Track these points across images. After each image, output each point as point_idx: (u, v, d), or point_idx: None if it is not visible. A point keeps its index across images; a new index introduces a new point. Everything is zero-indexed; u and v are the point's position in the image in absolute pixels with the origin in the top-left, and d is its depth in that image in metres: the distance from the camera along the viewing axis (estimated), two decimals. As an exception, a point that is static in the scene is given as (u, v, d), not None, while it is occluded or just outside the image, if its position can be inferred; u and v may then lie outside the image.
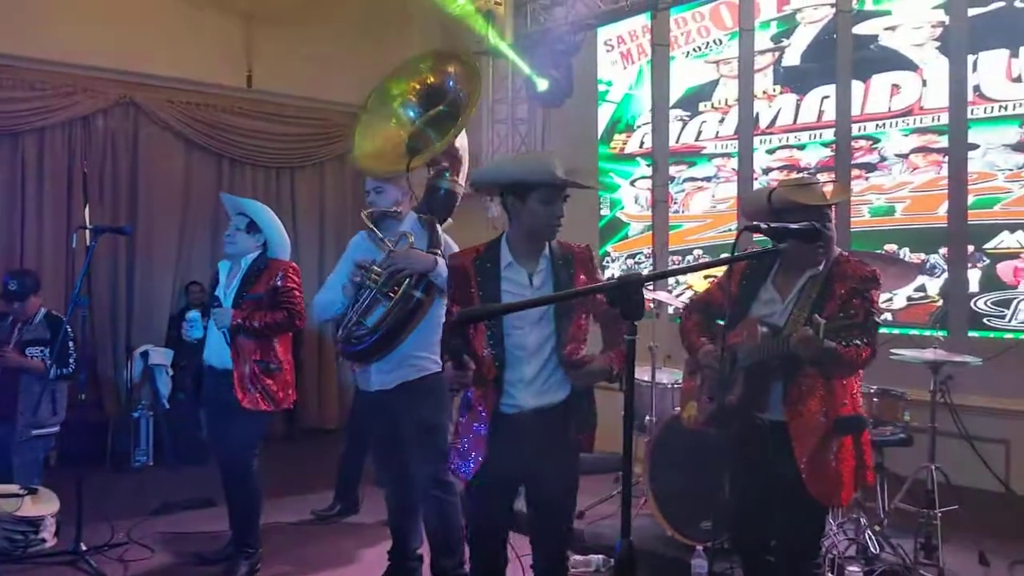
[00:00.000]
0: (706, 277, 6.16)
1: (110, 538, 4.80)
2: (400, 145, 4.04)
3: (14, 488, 4.82)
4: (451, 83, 4.04)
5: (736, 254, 2.54)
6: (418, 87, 4.11)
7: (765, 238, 2.60)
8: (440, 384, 3.83)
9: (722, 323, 3.16)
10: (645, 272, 5.88)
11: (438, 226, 3.94)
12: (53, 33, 6.67)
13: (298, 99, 8.13)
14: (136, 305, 7.45)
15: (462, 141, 4.11)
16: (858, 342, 2.76)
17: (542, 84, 6.76)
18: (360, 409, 5.23)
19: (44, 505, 4.84)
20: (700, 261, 6.29)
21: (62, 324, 5.22)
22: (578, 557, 4.52)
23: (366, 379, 3.97)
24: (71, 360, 5.26)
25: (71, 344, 5.24)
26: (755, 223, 2.66)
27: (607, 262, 6.95)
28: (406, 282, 3.74)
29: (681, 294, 6.28)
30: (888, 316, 5.38)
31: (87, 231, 4.96)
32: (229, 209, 4.59)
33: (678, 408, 4.49)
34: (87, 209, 5.30)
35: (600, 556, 4.50)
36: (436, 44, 8.04)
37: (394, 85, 4.17)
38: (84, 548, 4.56)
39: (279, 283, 4.36)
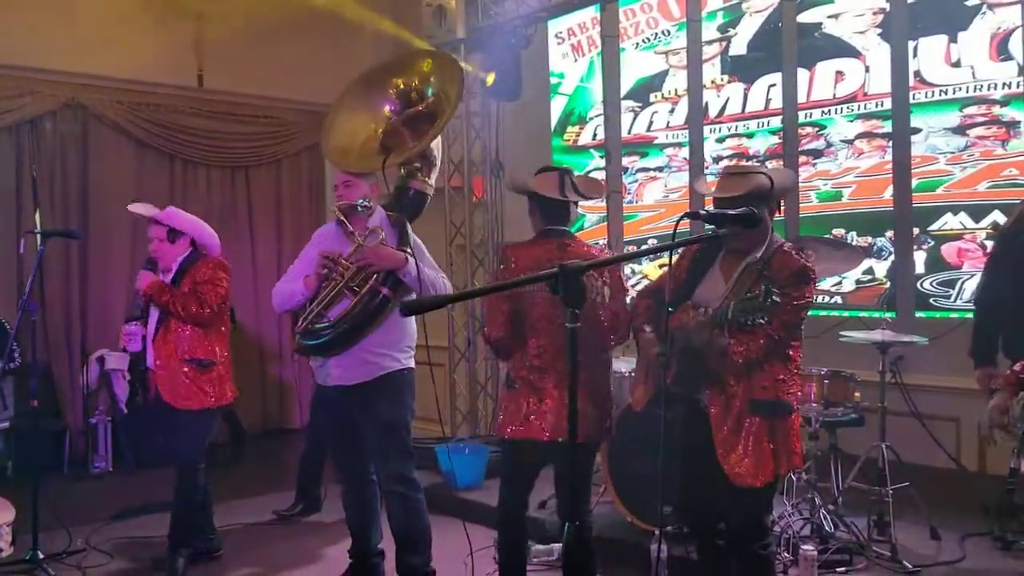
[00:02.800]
0: (661, 266, 6.24)
1: (68, 545, 4.76)
2: (373, 140, 3.99)
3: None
4: (433, 85, 3.98)
5: (676, 240, 2.58)
6: (401, 85, 4.04)
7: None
8: (401, 381, 3.91)
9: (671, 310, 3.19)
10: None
11: (408, 225, 3.92)
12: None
13: (251, 97, 8.06)
14: (91, 310, 7.34)
15: (436, 143, 4.09)
16: (761, 321, 2.82)
17: (490, 79, 6.78)
18: (318, 405, 5.22)
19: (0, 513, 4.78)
20: (644, 248, 6.35)
21: (3, 324, 5.26)
22: (540, 547, 4.55)
23: (324, 374, 3.95)
24: (16, 355, 5.23)
25: (14, 340, 5.19)
26: (695, 211, 2.73)
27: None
28: (374, 278, 3.73)
29: (637, 283, 6.33)
30: (838, 299, 5.48)
31: (36, 235, 4.91)
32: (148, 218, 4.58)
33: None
34: (38, 213, 5.23)
35: (552, 545, 4.55)
36: (388, 40, 8.04)
37: (377, 80, 4.11)
38: (41, 556, 4.51)
39: (199, 278, 4.41)
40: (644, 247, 6.41)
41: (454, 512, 5.09)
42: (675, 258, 3.26)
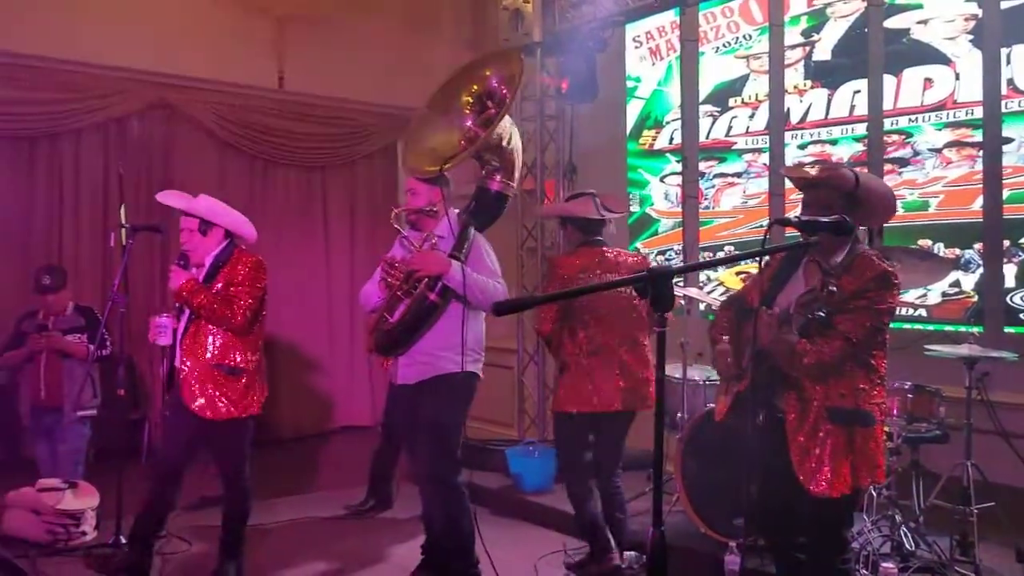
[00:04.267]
0: (738, 274, 6.16)
1: (148, 531, 4.88)
2: (455, 147, 4.04)
3: (56, 482, 4.92)
4: (496, 84, 4.05)
5: (766, 247, 2.55)
6: (471, 98, 4.11)
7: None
8: (456, 384, 3.91)
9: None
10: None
11: (471, 229, 3.95)
12: (89, 35, 6.77)
13: (329, 99, 8.19)
14: (170, 303, 7.53)
15: (516, 143, 4.09)
16: (821, 314, 2.78)
17: (563, 84, 6.77)
18: (391, 403, 5.30)
19: (84, 499, 4.94)
20: (731, 255, 6.27)
21: (93, 311, 5.44)
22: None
23: (395, 373, 4.07)
24: (108, 343, 5.38)
25: (104, 329, 5.34)
26: (786, 216, 2.69)
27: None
28: (423, 283, 3.81)
29: (712, 290, 6.26)
30: (923, 312, 5.33)
31: (123, 230, 5.05)
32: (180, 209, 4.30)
33: (710, 404, 4.51)
34: (123, 209, 5.39)
35: (632, 552, 4.50)
36: (467, 43, 8.11)
37: (450, 93, 4.16)
38: (124, 541, 4.62)
39: (235, 278, 4.10)
40: (721, 254, 6.33)
41: (522, 515, 5.10)
42: (761, 267, 3.32)
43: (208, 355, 4.07)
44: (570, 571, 4.47)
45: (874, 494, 4.26)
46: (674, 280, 3.28)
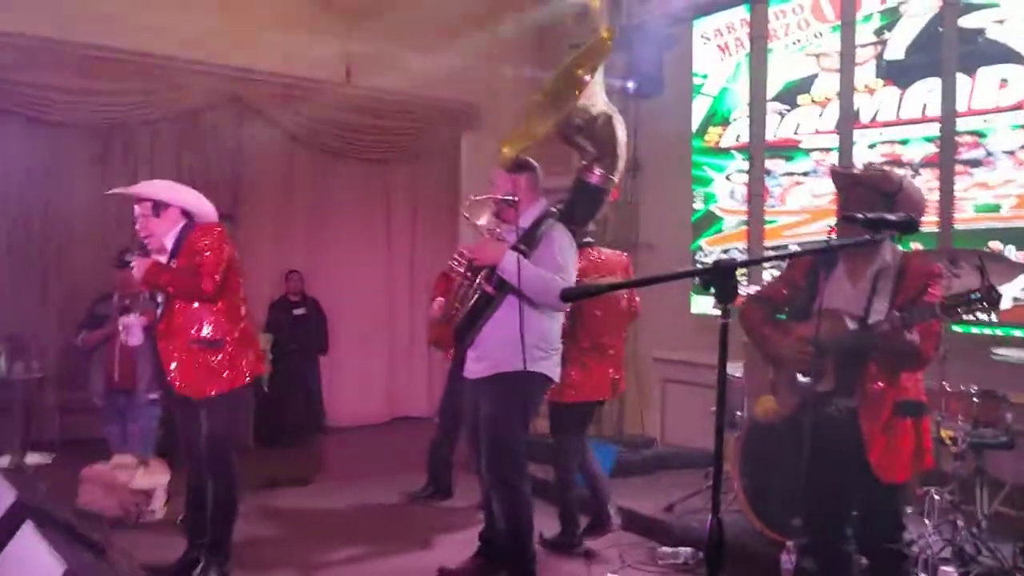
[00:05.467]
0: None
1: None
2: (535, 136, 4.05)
3: (129, 459, 5.11)
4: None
5: (833, 242, 2.56)
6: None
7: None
8: (516, 385, 3.80)
9: (783, 317, 3.29)
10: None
11: (548, 220, 3.89)
12: (163, 29, 6.94)
13: (395, 94, 8.28)
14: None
15: (619, 135, 4.05)
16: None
17: (630, 83, 6.76)
18: (448, 394, 5.37)
19: (156, 476, 5.11)
20: (801, 247, 6.15)
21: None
22: (666, 549, 4.54)
23: (466, 366, 4.07)
24: None
25: None
26: (853, 213, 2.68)
27: (700, 256, 6.92)
28: (482, 274, 3.81)
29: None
30: (993, 316, 5.21)
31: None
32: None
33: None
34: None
35: (689, 549, 4.51)
36: (533, 39, 8.14)
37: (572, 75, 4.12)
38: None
39: (195, 248, 3.90)
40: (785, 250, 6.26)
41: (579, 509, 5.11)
42: (787, 267, 3.39)
43: (183, 334, 3.92)
44: (544, 546, 4.56)
45: (936, 498, 4.19)
46: (739, 275, 3.31)
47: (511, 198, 3.87)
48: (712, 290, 2.03)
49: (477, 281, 3.84)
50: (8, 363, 6.21)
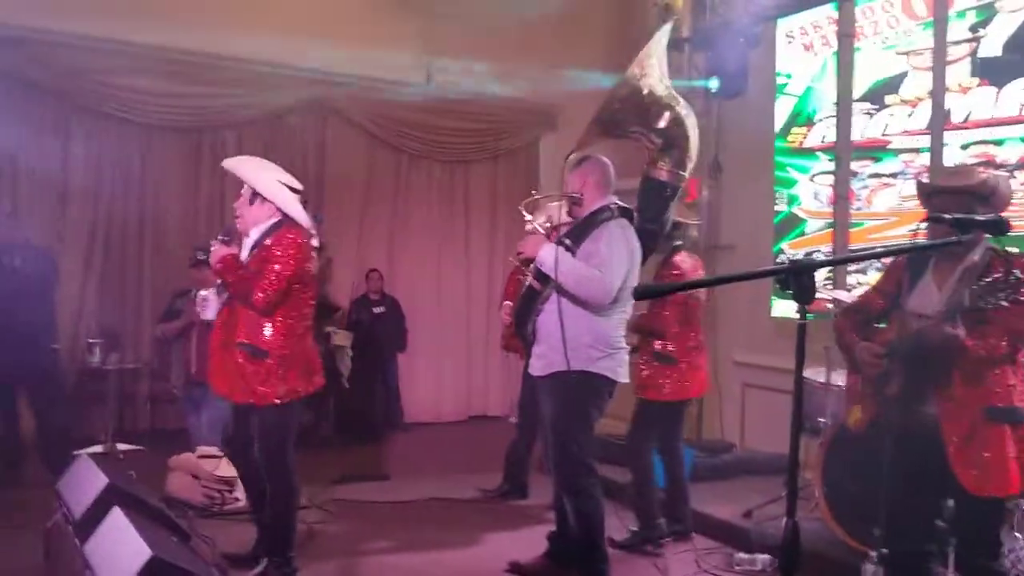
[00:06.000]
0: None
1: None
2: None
3: (214, 450, 5.26)
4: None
5: (918, 243, 2.49)
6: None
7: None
8: (570, 384, 3.75)
9: (882, 326, 3.23)
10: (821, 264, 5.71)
11: (604, 215, 3.83)
12: (248, 33, 7.11)
13: (475, 95, 8.33)
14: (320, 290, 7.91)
15: (691, 133, 3.97)
16: (1004, 303, 2.72)
17: (713, 85, 6.66)
18: (525, 394, 5.38)
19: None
20: (884, 248, 5.94)
21: None
22: (743, 556, 4.47)
23: (530, 361, 4.07)
24: None
25: None
26: (940, 214, 2.61)
27: (782, 259, 6.78)
28: (532, 268, 3.82)
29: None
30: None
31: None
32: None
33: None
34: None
35: (766, 556, 4.43)
36: (615, 40, 8.10)
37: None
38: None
39: (270, 254, 3.75)
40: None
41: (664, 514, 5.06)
42: (881, 275, 3.37)
43: (236, 332, 3.83)
44: (618, 548, 4.52)
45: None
46: (819, 278, 3.24)
47: (576, 195, 3.89)
48: (789, 291, 2.00)
49: (530, 275, 3.88)
50: (103, 355, 6.48)
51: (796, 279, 1.99)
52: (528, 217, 4.09)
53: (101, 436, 6.33)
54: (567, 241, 3.77)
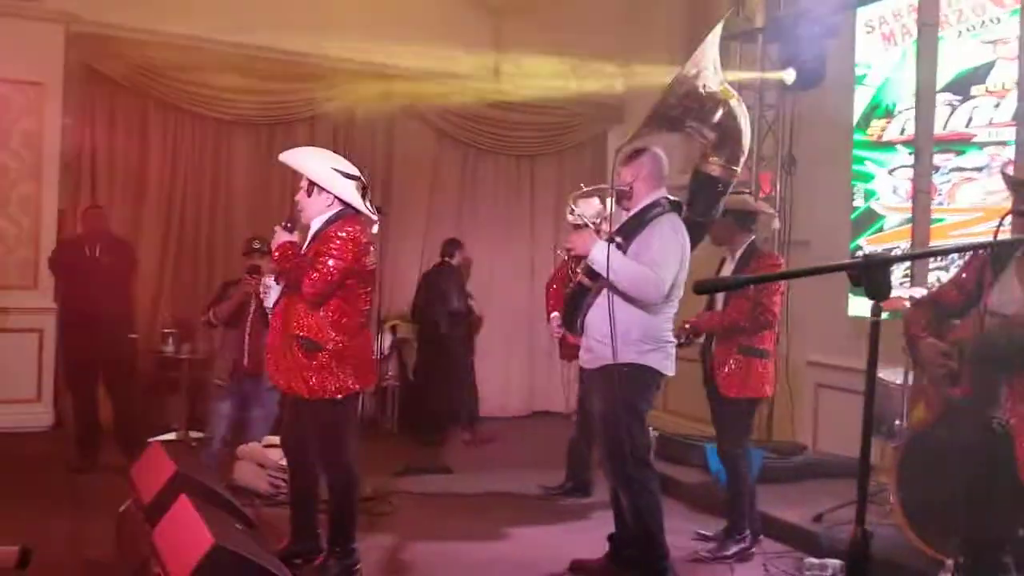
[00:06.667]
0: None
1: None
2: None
3: (277, 440, 5.32)
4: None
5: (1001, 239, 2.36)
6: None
7: None
8: (619, 377, 3.70)
9: (958, 321, 3.08)
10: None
11: (656, 211, 3.81)
12: (321, 32, 7.24)
13: (541, 89, 8.28)
14: (387, 282, 7.98)
15: (743, 125, 3.92)
16: None
17: (789, 77, 6.48)
18: (585, 390, 5.31)
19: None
20: (960, 243, 5.72)
21: None
22: (813, 560, 4.34)
23: (580, 355, 4.06)
24: None
25: None
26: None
27: (859, 256, 6.57)
28: (581, 264, 3.84)
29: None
30: None
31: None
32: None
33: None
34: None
35: (837, 561, 4.29)
36: (684, 33, 7.96)
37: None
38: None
39: (325, 247, 3.74)
40: (954, 256, 5.85)
41: (720, 513, 4.97)
42: (959, 268, 3.21)
43: (293, 323, 3.78)
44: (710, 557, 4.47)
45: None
46: (896, 276, 3.11)
47: (625, 187, 3.86)
48: (862, 287, 1.91)
49: (579, 271, 3.90)
50: (177, 344, 6.62)
51: (868, 274, 1.90)
52: (577, 211, 4.08)
53: (175, 424, 6.50)
54: (618, 239, 3.74)
